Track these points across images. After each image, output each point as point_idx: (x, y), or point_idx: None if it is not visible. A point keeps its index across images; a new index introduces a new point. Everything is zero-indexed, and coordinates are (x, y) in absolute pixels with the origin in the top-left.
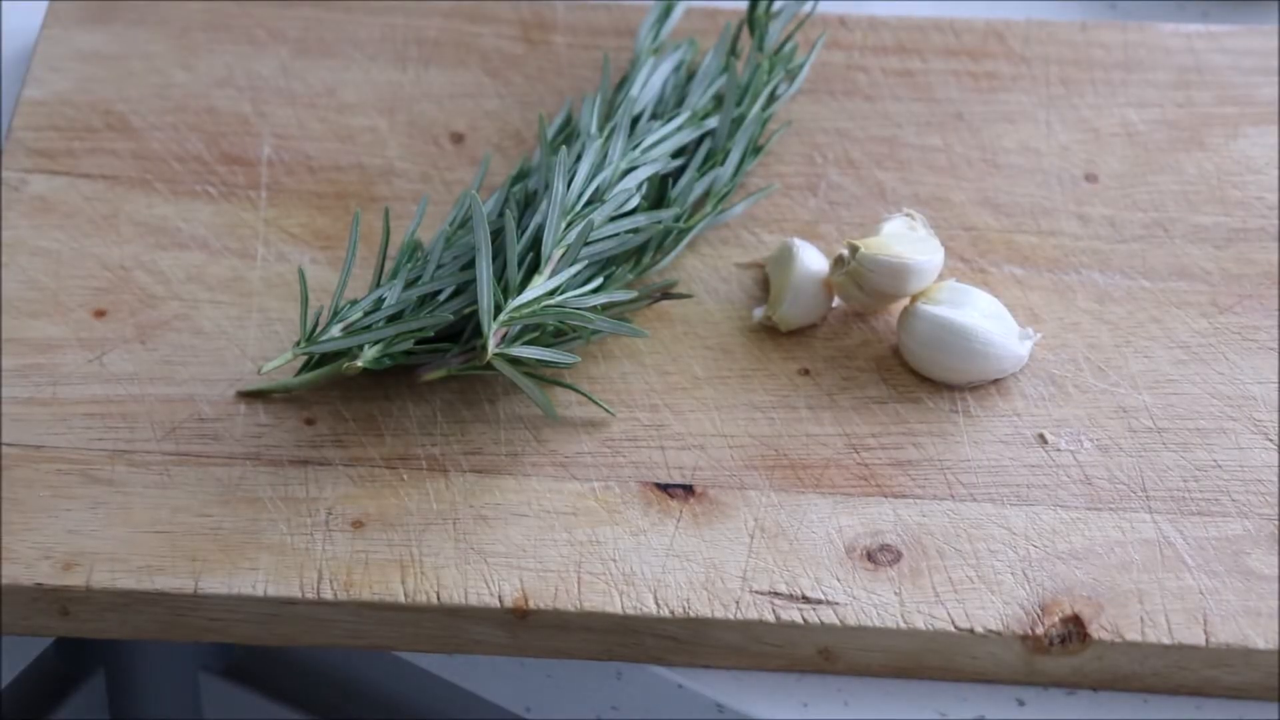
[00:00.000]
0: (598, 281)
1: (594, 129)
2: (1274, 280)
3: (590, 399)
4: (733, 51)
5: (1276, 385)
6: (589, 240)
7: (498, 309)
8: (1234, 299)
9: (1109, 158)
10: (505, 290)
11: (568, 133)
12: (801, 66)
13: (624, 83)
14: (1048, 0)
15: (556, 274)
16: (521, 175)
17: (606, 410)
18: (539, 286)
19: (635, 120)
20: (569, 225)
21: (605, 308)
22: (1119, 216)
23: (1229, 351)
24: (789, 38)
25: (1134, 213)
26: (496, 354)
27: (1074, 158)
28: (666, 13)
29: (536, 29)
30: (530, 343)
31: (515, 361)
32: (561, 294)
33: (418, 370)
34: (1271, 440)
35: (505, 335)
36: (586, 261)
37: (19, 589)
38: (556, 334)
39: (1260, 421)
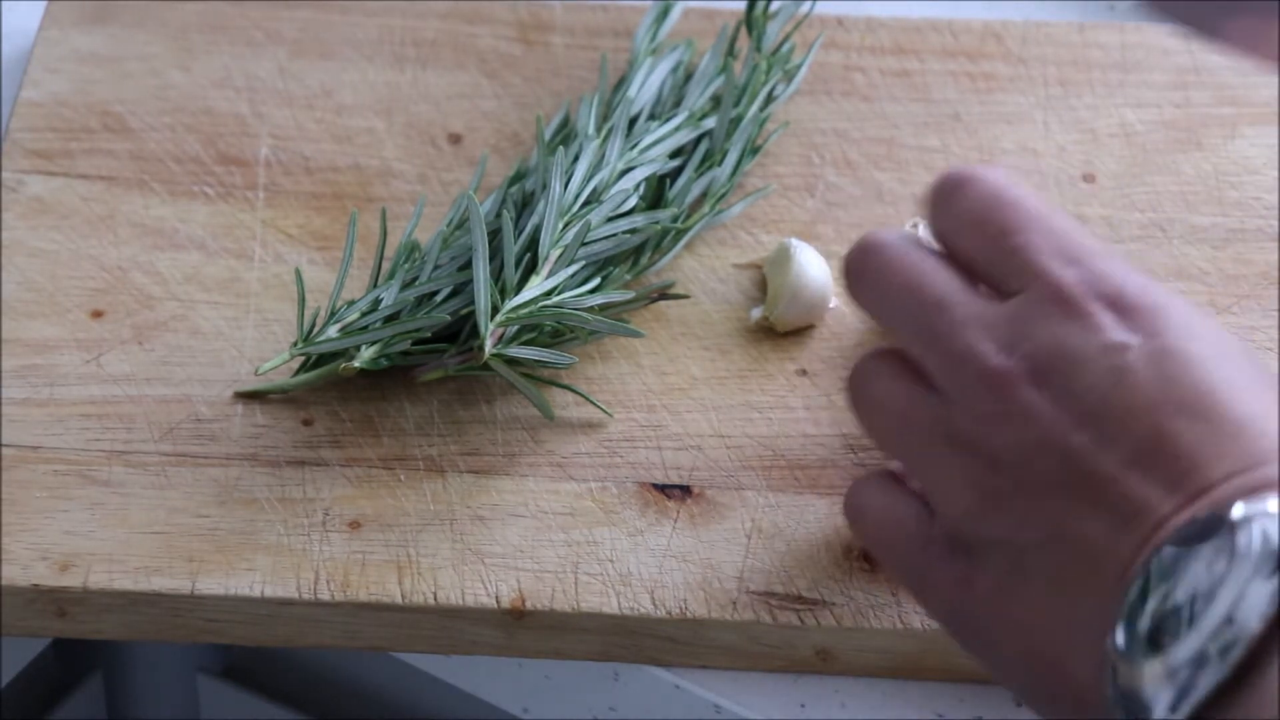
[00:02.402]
0: (595, 282)
1: (591, 129)
2: (1272, 281)
3: (588, 400)
4: (730, 52)
5: None
6: (586, 241)
7: (495, 310)
8: (1232, 299)
9: (1107, 158)
10: (502, 291)
11: (565, 133)
12: (799, 67)
13: (622, 83)
14: (1045, 1)
15: (554, 275)
16: (519, 176)
17: (604, 411)
18: (536, 287)
19: (633, 121)
20: (566, 226)
21: (602, 308)
22: (1117, 217)
23: None
24: (787, 38)
25: (1132, 213)
26: (494, 355)
27: (1071, 158)
28: (664, 13)
29: (534, 30)
30: (527, 343)
31: (512, 362)
32: (559, 295)
33: (415, 371)
34: None
35: (502, 336)
36: (584, 262)
37: (16, 590)
38: (554, 335)
39: None
